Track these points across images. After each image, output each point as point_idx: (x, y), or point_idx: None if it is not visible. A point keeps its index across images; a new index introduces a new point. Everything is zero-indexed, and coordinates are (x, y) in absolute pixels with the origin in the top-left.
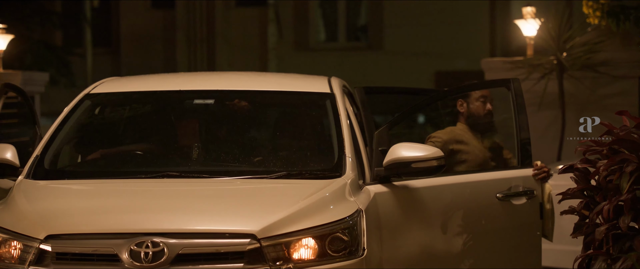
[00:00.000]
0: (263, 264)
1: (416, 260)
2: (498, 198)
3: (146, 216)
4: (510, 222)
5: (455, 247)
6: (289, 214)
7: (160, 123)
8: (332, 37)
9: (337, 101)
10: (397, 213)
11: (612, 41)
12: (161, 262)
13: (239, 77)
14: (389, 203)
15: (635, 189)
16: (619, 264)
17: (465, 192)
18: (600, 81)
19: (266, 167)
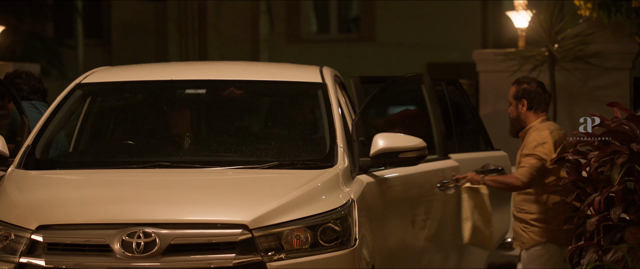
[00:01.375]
0: (255, 254)
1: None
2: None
3: (138, 207)
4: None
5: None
6: (281, 204)
7: (152, 113)
8: (323, 28)
9: (329, 91)
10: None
11: (603, 33)
12: (153, 252)
13: (230, 67)
14: (377, 193)
15: (626, 181)
16: (610, 256)
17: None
18: (592, 72)
19: (258, 157)
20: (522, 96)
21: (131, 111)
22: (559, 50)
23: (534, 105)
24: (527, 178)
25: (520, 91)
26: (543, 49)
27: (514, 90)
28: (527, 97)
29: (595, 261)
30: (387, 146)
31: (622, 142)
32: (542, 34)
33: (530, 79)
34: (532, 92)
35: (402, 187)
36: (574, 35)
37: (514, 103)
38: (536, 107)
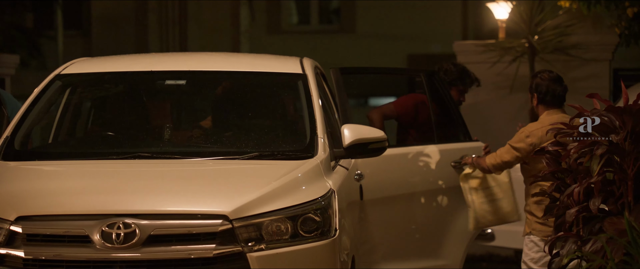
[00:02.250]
0: (235, 245)
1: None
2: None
3: (118, 197)
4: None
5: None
6: (261, 195)
7: (132, 104)
8: (304, 19)
9: (309, 82)
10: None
11: (583, 24)
12: (133, 243)
13: (211, 58)
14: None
15: (605, 172)
16: (589, 246)
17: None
18: (571, 63)
19: (238, 148)
20: (534, 90)
21: (111, 102)
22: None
23: (544, 99)
24: (490, 162)
25: (532, 85)
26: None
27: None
28: (537, 91)
29: (575, 251)
30: (360, 137)
31: (602, 133)
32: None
33: (545, 72)
34: (542, 86)
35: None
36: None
37: (530, 96)
38: (546, 101)
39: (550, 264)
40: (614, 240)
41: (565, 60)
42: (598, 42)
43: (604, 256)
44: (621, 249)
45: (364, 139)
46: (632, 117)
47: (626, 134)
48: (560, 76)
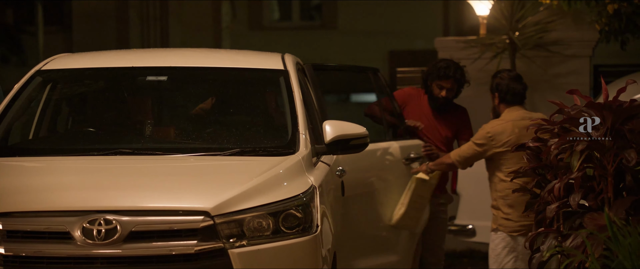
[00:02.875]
0: (217, 241)
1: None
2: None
3: (99, 194)
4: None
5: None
6: (243, 191)
7: (113, 100)
8: (286, 16)
9: (291, 78)
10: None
11: (563, 20)
12: (114, 239)
13: (192, 54)
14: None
15: (585, 168)
16: (570, 242)
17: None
18: (552, 60)
19: (220, 144)
20: (495, 90)
21: (92, 98)
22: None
23: (504, 98)
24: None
25: (493, 85)
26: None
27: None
28: (497, 90)
29: (555, 247)
30: (342, 133)
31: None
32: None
33: (504, 72)
34: (502, 85)
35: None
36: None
37: (492, 96)
38: (507, 100)
39: (530, 260)
40: (594, 235)
41: (546, 56)
42: (578, 38)
43: (584, 251)
44: (601, 244)
45: (346, 135)
46: (612, 113)
47: (606, 130)
48: (520, 74)
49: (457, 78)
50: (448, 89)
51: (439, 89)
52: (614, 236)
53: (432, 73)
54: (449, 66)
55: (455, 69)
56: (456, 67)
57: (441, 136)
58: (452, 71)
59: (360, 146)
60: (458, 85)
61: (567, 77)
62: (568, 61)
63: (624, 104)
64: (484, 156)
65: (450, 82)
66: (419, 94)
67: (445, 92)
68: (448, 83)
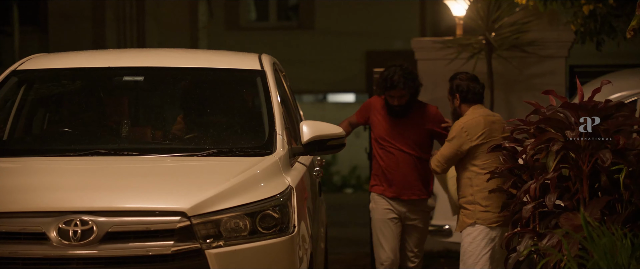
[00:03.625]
0: (193, 241)
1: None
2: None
3: (75, 194)
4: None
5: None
6: (220, 191)
7: (89, 100)
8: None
9: (267, 78)
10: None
11: (539, 21)
12: (90, 240)
13: (168, 54)
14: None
15: (561, 168)
16: (545, 241)
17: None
18: (528, 60)
19: (197, 144)
20: (455, 91)
21: (68, 98)
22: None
23: (466, 98)
24: (435, 165)
25: (452, 87)
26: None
27: (449, 87)
28: (458, 91)
29: (531, 246)
30: (319, 134)
31: (557, 129)
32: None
33: (462, 74)
34: (463, 86)
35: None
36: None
37: (450, 98)
38: (469, 99)
39: (506, 260)
40: (570, 235)
41: (522, 57)
42: (554, 39)
43: (560, 250)
44: (576, 244)
45: (323, 135)
46: (588, 114)
47: None
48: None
49: (406, 85)
50: (399, 97)
51: (391, 99)
52: (589, 235)
53: (379, 85)
54: (392, 76)
55: (401, 76)
56: (403, 74)
57: (411, 140)
58: (397, 80)
59: (337, 146)
60: (409, 90)
61: (542, 77)
62: (544, 62)
63: (599, 105)
64: (462, 152)
65: (399, 91)
66: (381, 102)
67: (397, 101)
68: (397, 92)
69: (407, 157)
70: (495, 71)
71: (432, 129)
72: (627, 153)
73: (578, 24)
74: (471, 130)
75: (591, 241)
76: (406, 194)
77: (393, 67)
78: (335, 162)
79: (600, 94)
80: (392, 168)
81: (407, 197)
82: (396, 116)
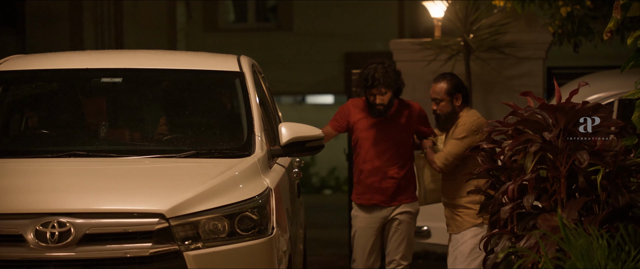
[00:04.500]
0: (172, 243)
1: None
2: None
3: (52, 196)
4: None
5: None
6: (198, 193)
7: (67, 101)
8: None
9: (246, 80)
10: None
11: (517, 23)
12: (68, 242)
13: (147, 56)
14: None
15: (538, 169)
16: (523, 243)
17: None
18: (506, 62)
19: (175, 146)
20: (458, 90)
21: (46, 99)
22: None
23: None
24: (442, 163)
25: (454, 86)
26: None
27: (445, 86)
28: (462, 91)
29: (509, 248)
30: (297, 135)
31: (535, 131)
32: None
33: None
34: (464, 86)
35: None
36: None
37: (447, 99)
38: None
39: (485, 261)
40: (547, 236)
41: (500, 58)
42: (532, 40)
43: (537, 251)
44: (554, 245)
45: (302, 137)
46: (565, 115)
47: (559, 132)
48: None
49: (388, 82)
50: (381, 95)
51: (372, 98)
52: (567, 237)
53: (360, 83)
54: (373, 73)
55: (383, 73)
56: (384, 71)
57: (396, 141)
58: (378, 78)
59: (316, 148)
60: (391, 87)
61: (520, 79)
62: (521, 63)
63: (577, 106)
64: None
65: (380, 89)
66: (360, 103)
67: (379, 99)
68: (378, 90)
69: (392, 159)
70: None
71: (417, 128)
72: (604, 154)
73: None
74: (480, 129)
75: (568, 242)
76: (388, 201)
77: (374, 65)
78: (314, 163)
79: (578, 96)
80: (376, 173)
81: (393, 203)
82: (378, 116)
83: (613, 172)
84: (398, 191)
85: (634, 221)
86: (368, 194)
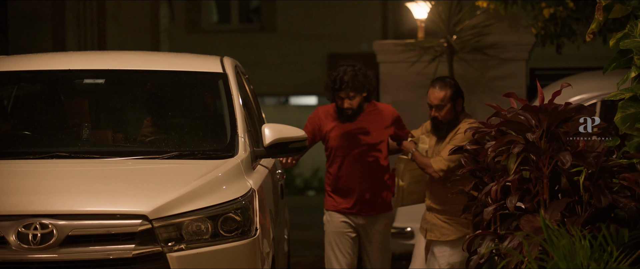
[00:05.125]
0: (155, 245)
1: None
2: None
3: (34, 197)
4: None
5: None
6: (181, 194)
7: (49, 103)
8: (224, 18)
9: (229, 81)
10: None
11: (500, 24)
12: (50, 244)
13: (130, 57)
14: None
15: (521, 170)
16: (507, 243)
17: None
18: (489, 63)
19: (158, 147)
20: (459, 95)
21: (28, 100)
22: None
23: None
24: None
25: (456, 91)
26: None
27: (449, 92)
28: (462, 95)
29: (492, 248)
30: (281, 136)
31: (518, 132)
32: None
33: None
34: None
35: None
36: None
37: (450, 105)
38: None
39: (468, 262)
40: (530, 237)
41: (483, 59)
42: (515, 42)
43: (521, 252)
44: (537, 245)
45: (285, 138)
46: (548, 116)
47: (542, 133)
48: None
49: (356, 86)
50: (349, 98)
51: (340, 101)
52: (549, 238)
53: (327, 86)
54: (342, 76)
55: (351, 76)
56: (353, 74)
57: (369, 147)
58: (346, 81)
59: (299, 149)
60: (359, 91)
61: (503, 80)
62: (504, 64)
63: (559, 107)
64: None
65: (348, 93)
66: (330, 110)
67: (347, 103)
68: (346, 94)
69: (365, 166)
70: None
71: (391, 131)
72: (586, 155)
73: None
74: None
75: (551, 243)
76: (365, 210)
77: (343, 67)
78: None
79: (561, 97)
80: (349, 180)
81: (367, 214)
82: (348, 120)
83: (596, 173)
84: (373, 200)
85: (616, 221)
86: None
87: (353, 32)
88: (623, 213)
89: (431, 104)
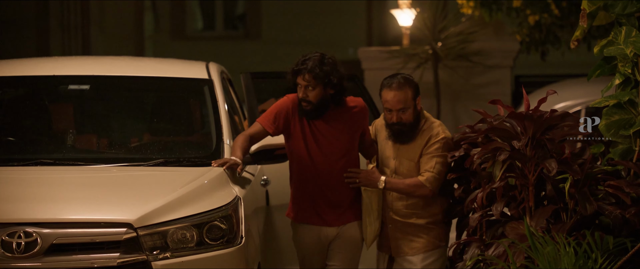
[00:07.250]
0: (140, 253)
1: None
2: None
3: (18, 205)
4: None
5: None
6: (166, 202)
7: (33, 109)
8: (209, 25)
9: (215, 87)
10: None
11: (485, 31)
12: (34, 252)
13: (115, 62)
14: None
15: (507, 177)
16: (492, 250)
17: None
18: (474, 70)
19: (143, 154)
20: (418, 93)
21: (12, 106)
22: (443, 49)
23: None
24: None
25: (416, 89)
26: (427, 47)
27: (410, 91)
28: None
29: (478, 256)
30: (266, 143)
31: (504, 139)
32: (426, 32)
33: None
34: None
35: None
36: (456, 34)
37: (413, 104)
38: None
39: None
40: (515, 244)
41: (468, 66)
42: (500, 49)
43: (506, 260)
44: (522, 253)
45: (270, 145)
46: (534, 124)
47: (527, 140)
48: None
49: (315, 73)
50: (305, 86)
51: (299, 88)
52: (534, 245)
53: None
54: (306, 59)
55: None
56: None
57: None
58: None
59: (284, 155)
60: (320, 81)
61: (488, 87)
62: (489, 71)
63: (545, 115)
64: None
65: (306, 79)
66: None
67: (303, 92)
68: (303, 78)
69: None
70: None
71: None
72: (571, 163)
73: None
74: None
75: (535, 250)
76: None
77: (315, 53)
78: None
79: (546, 104)
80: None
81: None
82: (303, 115)
83: (581, 181)
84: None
85: (601, 228)
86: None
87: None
88: (608, 220)
89: (391, 108)
